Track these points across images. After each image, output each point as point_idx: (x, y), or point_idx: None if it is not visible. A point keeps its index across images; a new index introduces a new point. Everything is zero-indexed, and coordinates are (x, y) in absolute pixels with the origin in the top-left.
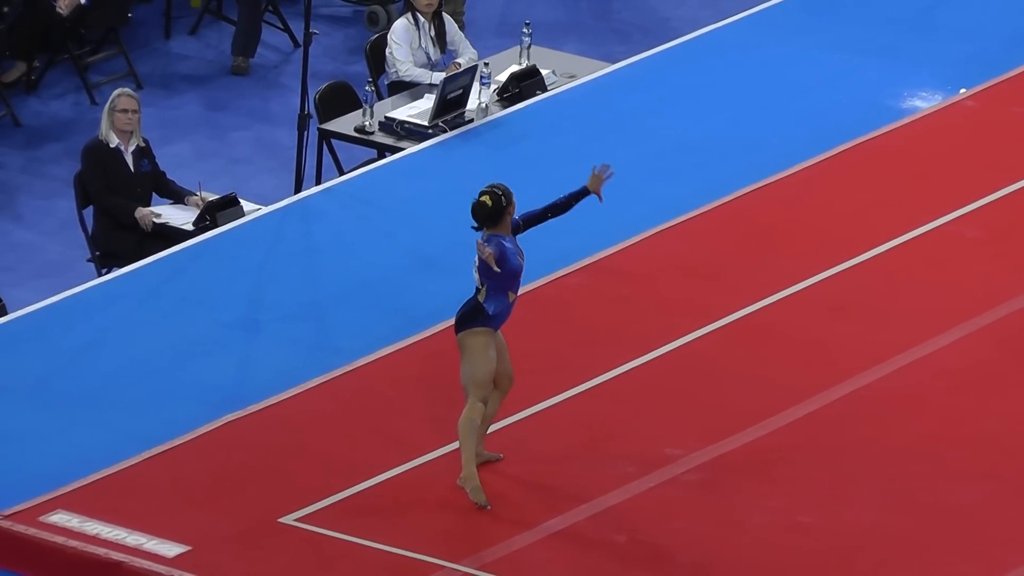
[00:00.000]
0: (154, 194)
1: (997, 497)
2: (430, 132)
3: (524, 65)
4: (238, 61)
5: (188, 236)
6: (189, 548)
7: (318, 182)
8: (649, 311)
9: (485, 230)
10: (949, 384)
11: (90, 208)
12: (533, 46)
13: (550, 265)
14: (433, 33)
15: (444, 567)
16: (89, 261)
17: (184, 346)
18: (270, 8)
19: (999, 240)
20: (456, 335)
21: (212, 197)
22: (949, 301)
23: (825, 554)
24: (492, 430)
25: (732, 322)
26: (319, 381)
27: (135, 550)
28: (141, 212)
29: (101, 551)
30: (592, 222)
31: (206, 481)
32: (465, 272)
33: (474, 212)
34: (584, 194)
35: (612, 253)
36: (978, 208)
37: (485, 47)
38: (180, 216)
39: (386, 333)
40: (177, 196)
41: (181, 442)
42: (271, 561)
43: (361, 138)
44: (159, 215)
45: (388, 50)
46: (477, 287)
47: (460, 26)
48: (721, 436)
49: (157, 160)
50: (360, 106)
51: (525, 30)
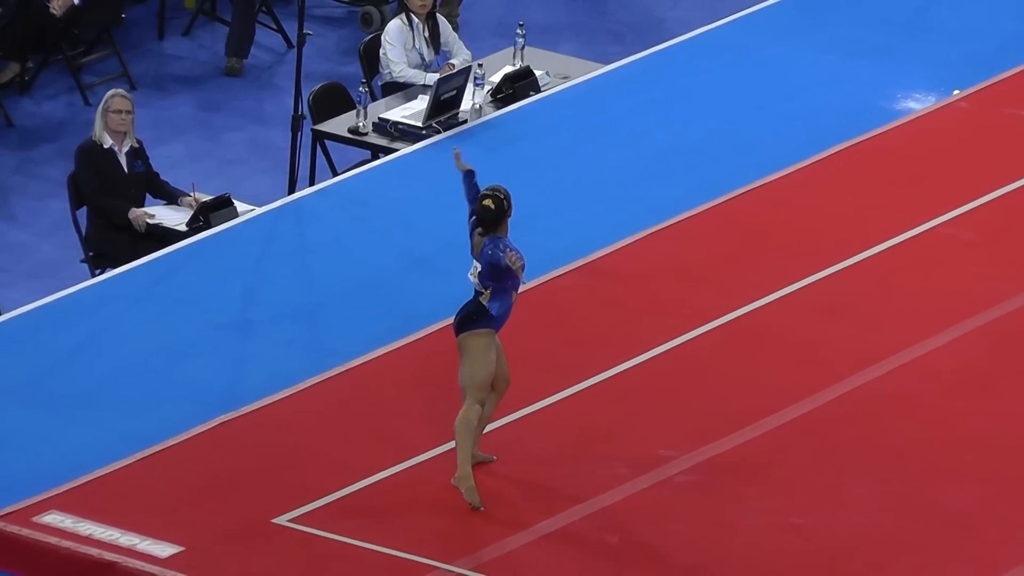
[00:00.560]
0: (147, 195)
1: (990, 498)
2: (424, 133)
3: (518, 66)
4: (232, 62)
5: (182, 237)
6: (182, 549)
7: (312, 183)
8: (642, 312)
9: (480, 232)
10: (942, 385)
11: (83, 209)
12: (527, 47)
13: (543, 266)
14: (427, 34)
15: (438, 568)
16: (82, 262)
17: (177, 347)
18: (264, 9)
19: (992, 242)
20: (456, 336)
21: (205, 198)
22: (942, 303)
23: (818, 555)
24: (486, 431)
25: (725, 323)
26: (313, 382)
27: (128, 551)
28: (134, 213)
29: (94, 551)
30: (585, 223)
31: (199, 482)
32: (459, 273)
33: (480, 218)
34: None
35: (605, 254)
36: (971, 210)
37: (479, 48)
38: (174, 217)
39: (380, 334)
40: (171, 197)
41: (175, 443)
42: (264, 562)
43: (355, 139)
44: (152, 216)
45: (382, 51)
46: (478, 291)
47: (454, 27)
48: (714, 437)
49: (151, 161)
50: (354, 107)
51: (519, 31)
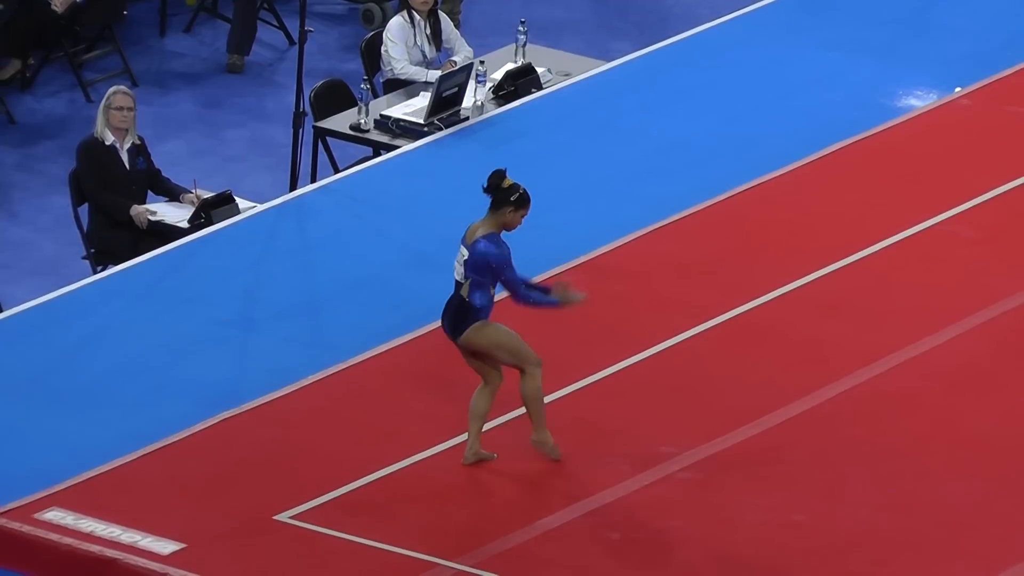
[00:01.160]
0: (149, 192)
1: (991, 495)
2: (425, 130)
3: (519, 63)
4: (233, 59)
5: (183, 234)
6: (184, 545)
7: (313, 180)
8: (643, 309)
9: (482, 228)
10: (943, 383)
11: (85, 206)
12: (528, 44)
13: (545, 263)
14: (429, 31)
15: (439, 564)
16: (84, 259)
17: (179, 343)
18: (265, 6)
19: (993, 239)
20: (458, 341)
21: (207, 195)
22: (943, 300)
23: (819, 552)
24: (487, 428)
25: (726, 321)
26: (314, 378)
27: (130, 547)
28: (136, 210)
29: (96, 548)
30: (587, 220)
31: (201, 478)
32: None
33: (492, 175)
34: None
35: (607, 251)
36: (972, 207)
37: (480, 45)
38: (175, 214)
39: (381, 330)
40: (172, 194)
41: (176, 439)
42: (266, 558)
43: (356, 136)
44: (154, 213)
45: (383, 48)
46: (459, 281)
47: (456, 24)
48: (715, 434)
49: (152, 158)
50: (355, 104)
51: (520, 28)
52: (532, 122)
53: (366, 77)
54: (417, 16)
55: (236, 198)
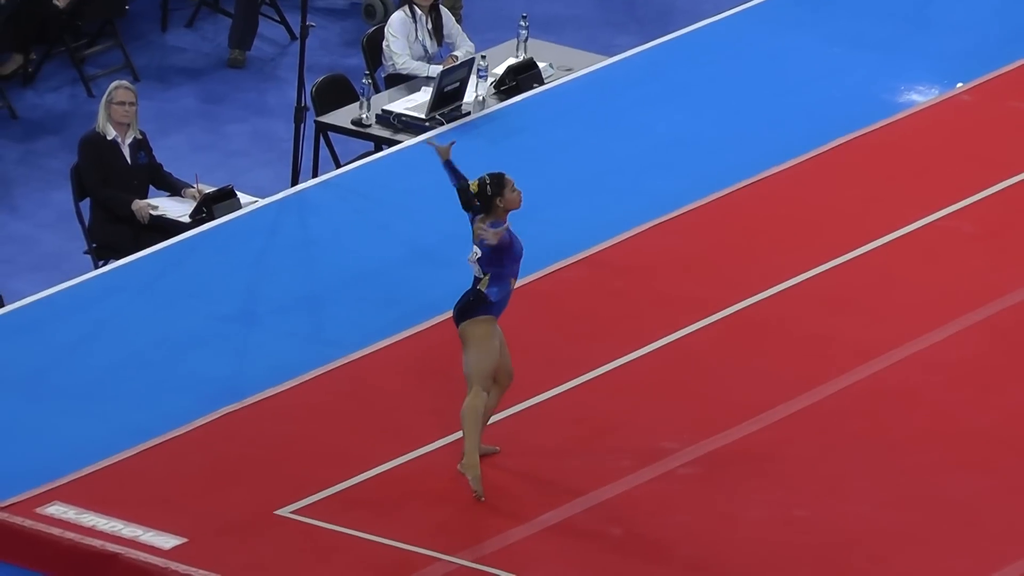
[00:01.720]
0: (151, 186)
1: (993, 491)
2: (427, 125)
3: (521, 58)
4: (235, 54)
5: (185, 228)
6: (185, 540)
7: (315, 175)
8: (645, 305)
9: (482, 218)
10: (945, 379)
11: (87, 200)
12: (530, 39)
13: (546, 258)
14: (430, 26)
15: (440, 560)
16: (86, 253)
17: (180, 338)
18: (267, 1)
19: (995, 235)
20: (457, 326)
21: (209, 189)
22: (945, 296)
23: (821, 548)
24: (490, 423)
25: (728, 316)
26: (315, 373)
27: (131, 542)
28: (138, 204)
29: (97, 543)
30: (588, 215)
31: (202, 473)
32: (461, 265)
33: (461, 196)
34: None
35: (608, 247)
36: (974, 203)
37: (482, 40)
38: (177, 208)
39: (383, 326)
40: (174, 188)
41: (177, 434)
42: (267, 553)
43: (358, 131)
44: (156, 207)
45: (385, 43)
46: (477, 277)
47: (457, 19)
48: (717, 430)
49: (154, 152)
50: (357, 99)
51: (522, 23)
52: (534, 117)
53: (368, 72)
54: (419, 11)
55: (238, 193)
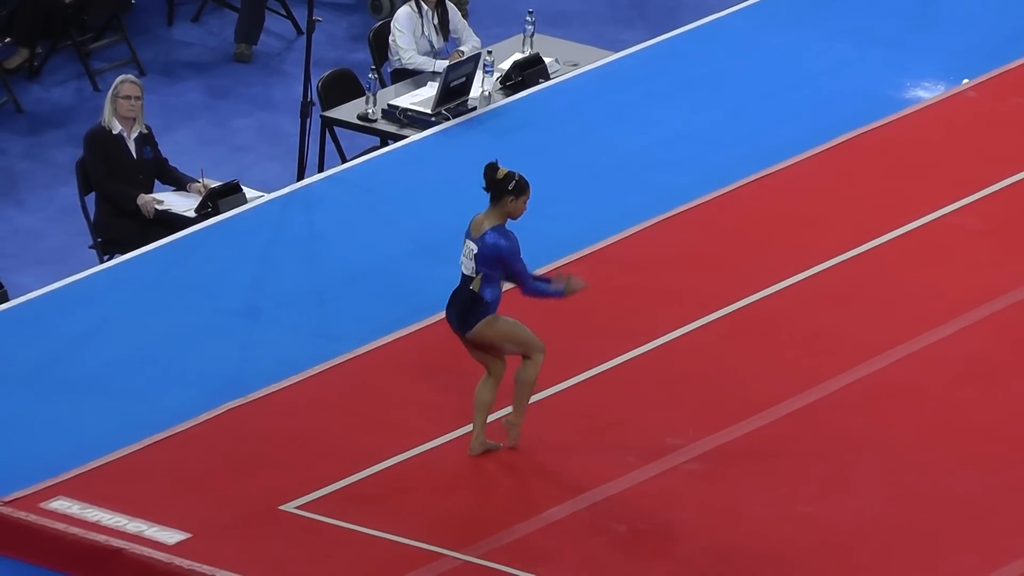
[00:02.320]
0: (156, 181)
1: (998, 487)
2: (433, 120)
3: (527, 53)
4: (241, 48)
5: (190, 223)
6: (190, 535)
7: (320, 169)
8: (650, 301)
9: (488, 220)
10: (950, 375)
11: (92, 195)
12: (536, 34)
13: (551, 254)
14: (436, 21)
15: (445, 555)
16: (91, 248)
17: (185, 333)
18: None
19: (1000, 231)
20: (465, 336)
21: (214, 184)
22: (950, 292)
23: (825, 544)
24: (491, 419)
25: (733, 312)
26: (320, 369)
27: (136, 537)
28: (143, 199)
29: (101, 538)
30: (594, 211)
31: (207, 468)
32: None
33: (485, 171)
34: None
35: (613, 242)
36: (979, 199)
37: (488, 35)
38: (182, 203)
39: (387, 321)
40: (179, 183)
41: (182, 429)
42: (272, 548)
43: (364, 126)
44: (161, 202)
45: (391, 38)
46: (468, 276)
47: (463, 14)
48: (722, 426)
49: (159, 147)
50: (363, 94)
51: (528, 18)
52: (540, 112)
53: (374, 67)
54: (425, 6)
55: (243, 187)
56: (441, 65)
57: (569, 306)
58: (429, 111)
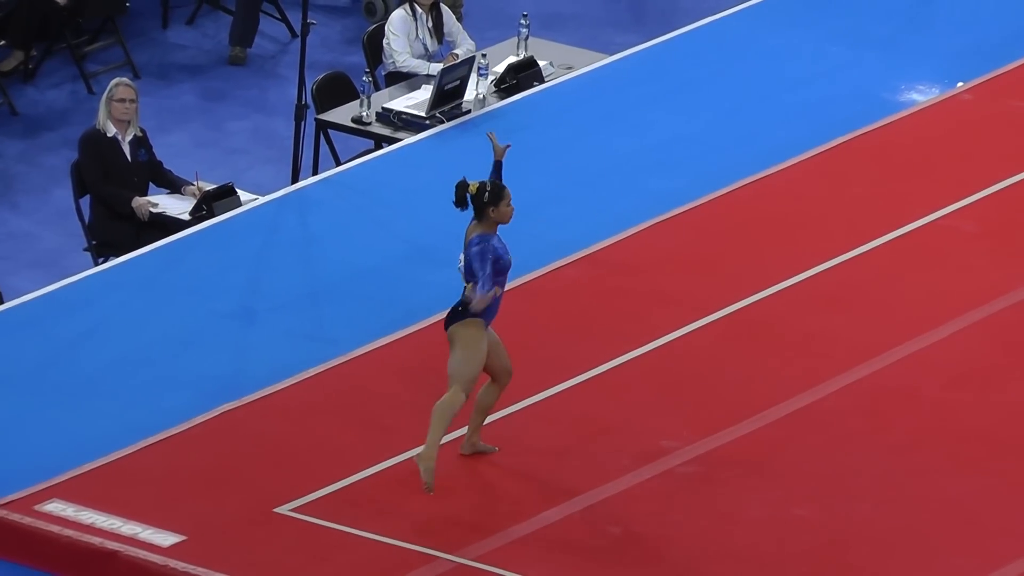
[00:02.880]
0: (151, 184)
1: (993, 490)
2: (427, 123)
3: (521, 56)
4: (235, 51)
5: (185, 226)
6: (184, 538)
7: (315, 172)
8: (645, 303)
9: (475, 224)
10: (945, 378)
11: (87, 197)
12: (531, 37)
13: (546, 257)
14: (431, 24)
15: (439, 558)
16: (85, 250)
17: (180, 336)
18: None
19: (995, 234)
20: (446, 329)
21: (209, 187)
22: (946, 295)
23: (821, 547)
24: (488, 421)
25: (728, 315)
26: (315, 372)
27: (130, 539)
28: (138, 201)
29: (96, 540)
30: (588, 214)
31: (202, 471)
32: None
33: (457, 190)
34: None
35: (608, 245)
36: (974, 202)
37: (483, 38)
38: (177, 206)
39: (382, 324)
40: (174, 186)
41: (176, 432)
42: (266, 551)
43: (358, 129)
44: (156, 204)
45: (385, 41)
46: (465, 284)
47: (458, 17)
48: (716, 429)
49: (154, 150)
50: (357, 97)
51: (523, 21)
52: (534, 115)
53: (368, 70)
54: (419, 9)
55: (238, 190)
56: (435, 68)
57: (564, 309)
58: (423, 114)
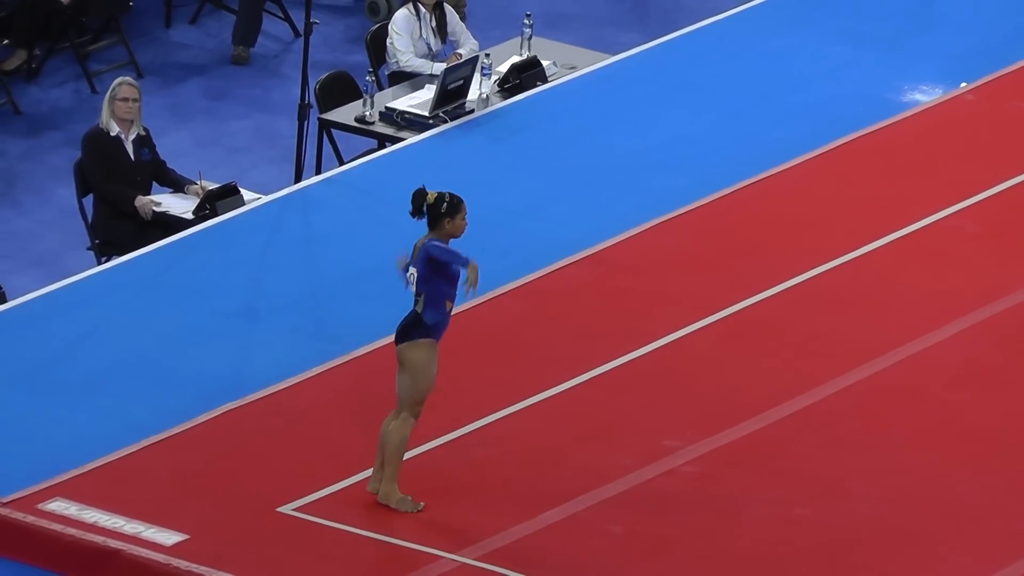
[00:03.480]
0: (154, 183)
1: (995, 490)
2: (430, 122)
3: (525, 56)
4: (238, 50)
5: (188, 225)
6: (187, 536)
7: (318, 172)
8: (647, 303)
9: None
10: (947, 378)
11: (90, 196)
12: (534, 37)
13: (548, 257)
14: (434, 23)
15: (442, 557)
16: (88, 249)
17: (183, 335)
18: None
19: (998, 234)
20: (396, 347)
21: (212, 186)
22: (948, 295)
23: (822, 546)
24: (488, 421)
25: (730, 315)
26: (317, 371)
27: (133, 538)
28: (141, 201)
29: (99, 539)
30: (591, 214)
31: (204, 470)
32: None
33: (414, 198)
34: None
35: (611, 245)
36: (977, 203)
37: (486, 38)
38: (180, 205)
39: (384, 323)
40: (177, 185)
41: (179, 431)
42: (269, 550)
43: (361, 128)
44: (159, 204)
45: (389, 40)
46: (415, 298)
47: (461, 17)
48: (719, 428)
49: (157, 149)
50: (360, 96)
51: (526, 21)
52: (537, 115)
53: (371, 69)
54: (423, 9)
55: (241, 189)
56: (439, 68)
57: (567, 308)
58: (427, 113)
